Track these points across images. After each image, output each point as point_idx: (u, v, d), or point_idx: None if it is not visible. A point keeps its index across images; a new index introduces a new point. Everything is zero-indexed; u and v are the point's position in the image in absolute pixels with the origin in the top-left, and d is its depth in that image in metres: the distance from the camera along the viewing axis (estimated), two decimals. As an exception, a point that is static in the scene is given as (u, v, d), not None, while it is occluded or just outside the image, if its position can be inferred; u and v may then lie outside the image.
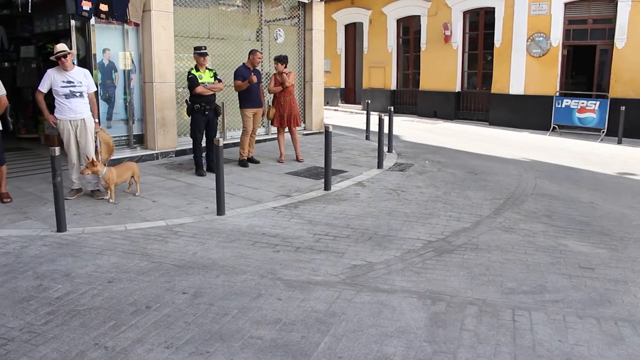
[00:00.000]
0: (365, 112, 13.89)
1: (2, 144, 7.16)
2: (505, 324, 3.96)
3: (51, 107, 7.30)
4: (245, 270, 4.91)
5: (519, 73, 15.76)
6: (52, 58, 7.16)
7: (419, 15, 18.47)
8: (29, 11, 8.71)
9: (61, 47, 7.17)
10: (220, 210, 6.67)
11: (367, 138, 12.95)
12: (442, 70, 17.77)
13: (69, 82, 7.16)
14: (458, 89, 17.64)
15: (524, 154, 11.56)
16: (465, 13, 17.28)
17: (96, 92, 7.68)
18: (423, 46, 18.42)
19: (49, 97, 7.21)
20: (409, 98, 19.41)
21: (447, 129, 15.73)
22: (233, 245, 5.59)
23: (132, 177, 7.53)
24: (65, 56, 7.10)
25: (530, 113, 15.55)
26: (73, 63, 7.36)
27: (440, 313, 4.14)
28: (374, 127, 10.91)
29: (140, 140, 10.19)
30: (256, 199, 7.45)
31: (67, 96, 7.16)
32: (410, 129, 15.57)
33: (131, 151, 9.84)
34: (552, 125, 14.90)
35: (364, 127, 13.49)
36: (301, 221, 6.47)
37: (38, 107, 7.45)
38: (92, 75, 7.76)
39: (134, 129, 10.07)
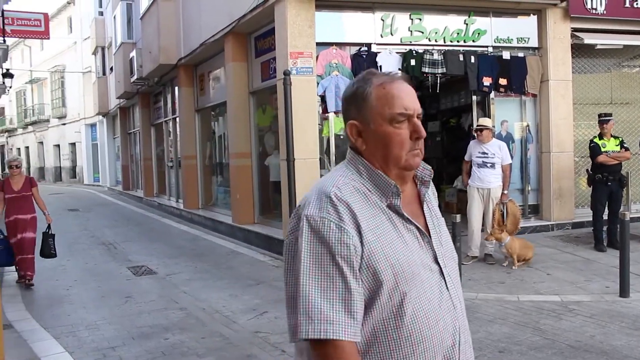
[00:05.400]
0: None
1: None
2: None
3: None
4: (654, 364, 4.30)
5: None
6: (474, 128, 7.90)
7: None
8: (437, 91, 9.62)
9: (482, 120, 7.92)
10: (623, 292, 6.01)
11: None
12: None
13: (484, 153, 7.67)
14: None
15: None
16: None
17: (510, 164, 7.92)
18: None
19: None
20: None
21: None
22: (639, 334, 4.96)
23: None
24: (480, 130, 7.65)
25: None
26: (492, 136, 7.84)
27: None
28: None
29: (535, 210, 10.07)
30: (668, 282, 6.50)
31: (479, 165, 7.68)
32: None
33: (525, 221, 9.75)
34: None
35: None
36: None
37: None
38: (508, 148, 8.11)
39: (529, 199, 10.01)
